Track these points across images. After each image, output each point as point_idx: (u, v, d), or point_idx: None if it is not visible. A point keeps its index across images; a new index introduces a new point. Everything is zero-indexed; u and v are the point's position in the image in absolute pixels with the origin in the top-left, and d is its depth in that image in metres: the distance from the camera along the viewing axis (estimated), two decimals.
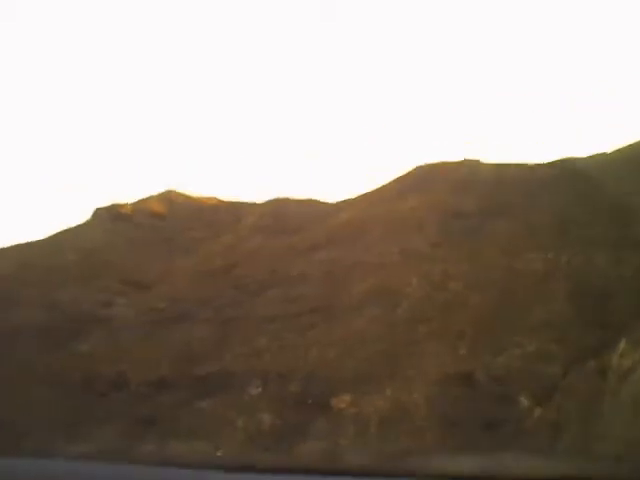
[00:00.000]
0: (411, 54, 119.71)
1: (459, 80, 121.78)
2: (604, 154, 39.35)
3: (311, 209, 43.37)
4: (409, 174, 42.97)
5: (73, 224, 46.90)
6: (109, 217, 46.35)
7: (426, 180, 41.02)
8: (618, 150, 39.14)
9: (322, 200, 44.66)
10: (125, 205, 47.22)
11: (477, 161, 42.08)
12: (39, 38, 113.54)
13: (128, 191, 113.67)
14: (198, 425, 21.59)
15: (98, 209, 47.11)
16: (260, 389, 23.23)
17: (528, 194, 35.66)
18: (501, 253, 29.88)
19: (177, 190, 49.18)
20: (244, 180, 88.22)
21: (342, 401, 21.85)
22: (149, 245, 43.55)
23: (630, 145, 39.57)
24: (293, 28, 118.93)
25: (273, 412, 21.86)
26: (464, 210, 35.93)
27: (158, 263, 40.86)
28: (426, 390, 21.20)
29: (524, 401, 18.68)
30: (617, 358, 11.67)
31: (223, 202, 47.74)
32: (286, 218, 42.63)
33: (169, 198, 48.46)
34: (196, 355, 26.34)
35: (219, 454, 20.70)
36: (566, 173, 38.02)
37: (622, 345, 11.70)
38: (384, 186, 42.98)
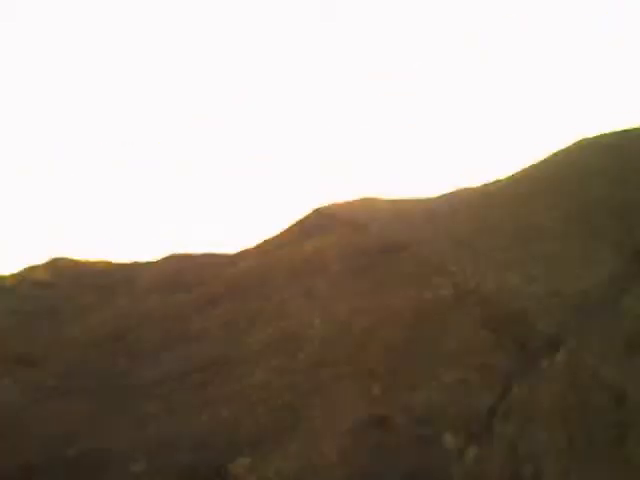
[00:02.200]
0: None
1: None
2: (511, 177, 37.86)
3: (209, 262, 39.77)
4: (308, 217, 40.42)
5: None
6: None
7: (326, 221, 38.80)
8: (524, 170, 37.88)
9: (220, 252, 41.02)
10: (6, 277, 41.87)
11: (374, 198, 40.55)
12: None
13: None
14: None
15: None
16: (144, 464, 18.81)
17: (426, 225, 34.00)
18: (407, 284, 27.15)
19: (65, 256, 44.36)
20: None
21: (240, 466, 17.79)
22: (34, 317, 38.54)
23: (534, 165, 38.33)
24: None
25: None
26: (365, 247, 33.76)
27: (44, 336, 35.96)
28: (337, 442, 17.49)
29: (451, 441, 15.33)
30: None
31: (114, 264, 43.14)
32: (183, 274, 38.92)
33: (56, 265, 43.47)
34: (70, 434, 21.60)
35: None
36: (464, 203, 36.57)
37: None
38: (283, 231, 40.14)
